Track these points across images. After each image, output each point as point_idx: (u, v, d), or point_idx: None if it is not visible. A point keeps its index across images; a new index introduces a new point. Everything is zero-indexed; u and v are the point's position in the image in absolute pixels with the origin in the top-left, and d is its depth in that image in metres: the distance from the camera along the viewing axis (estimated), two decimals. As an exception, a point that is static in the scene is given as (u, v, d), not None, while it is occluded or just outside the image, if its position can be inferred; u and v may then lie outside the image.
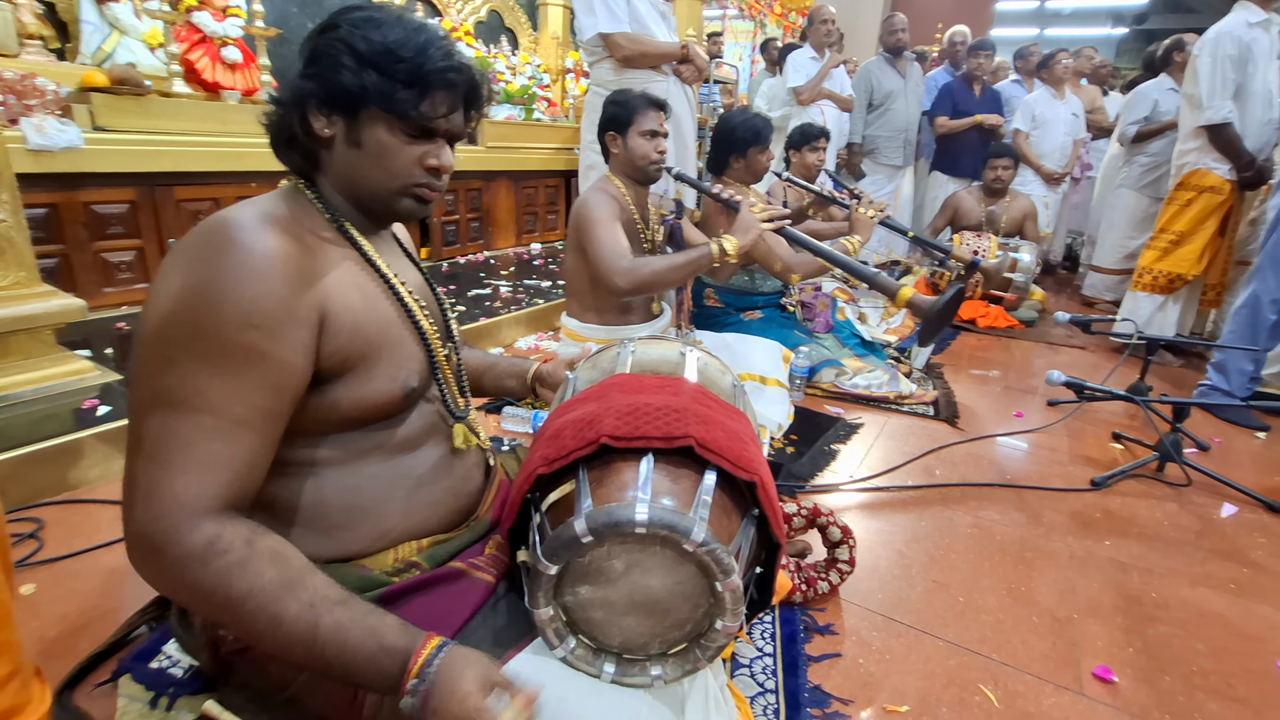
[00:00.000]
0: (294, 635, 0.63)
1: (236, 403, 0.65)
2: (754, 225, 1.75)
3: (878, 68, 4.25)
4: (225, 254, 0.66)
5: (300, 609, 0.63)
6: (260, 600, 0.62)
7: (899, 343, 3.06)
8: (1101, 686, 1.16)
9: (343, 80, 0.73)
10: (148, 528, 0.62)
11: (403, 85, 0.73)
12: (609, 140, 1.83)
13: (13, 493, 1.47)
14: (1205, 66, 2.67)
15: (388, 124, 0.76)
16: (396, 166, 0.78)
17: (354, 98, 0.74)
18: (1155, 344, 2.29)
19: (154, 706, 0.92)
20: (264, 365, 0.66)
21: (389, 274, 0.82)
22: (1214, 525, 1.73)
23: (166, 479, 0.62)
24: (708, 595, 0.72)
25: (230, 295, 0.64)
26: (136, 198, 2.53)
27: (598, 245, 1.70)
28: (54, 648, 1.09)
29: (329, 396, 0.74)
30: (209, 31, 2.90)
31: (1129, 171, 3.75)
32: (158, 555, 0.62)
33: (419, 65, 0.73)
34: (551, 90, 4.95)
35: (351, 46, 0.72)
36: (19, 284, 1.69)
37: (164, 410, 0.64)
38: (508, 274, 3.67)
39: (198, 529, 0.62)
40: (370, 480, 0.80)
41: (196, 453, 0.63)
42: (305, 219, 0.77)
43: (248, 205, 0.73)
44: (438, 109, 0.76)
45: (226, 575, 0.62)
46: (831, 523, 1.31)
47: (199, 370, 0.64)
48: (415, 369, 0.82)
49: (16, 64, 2.41)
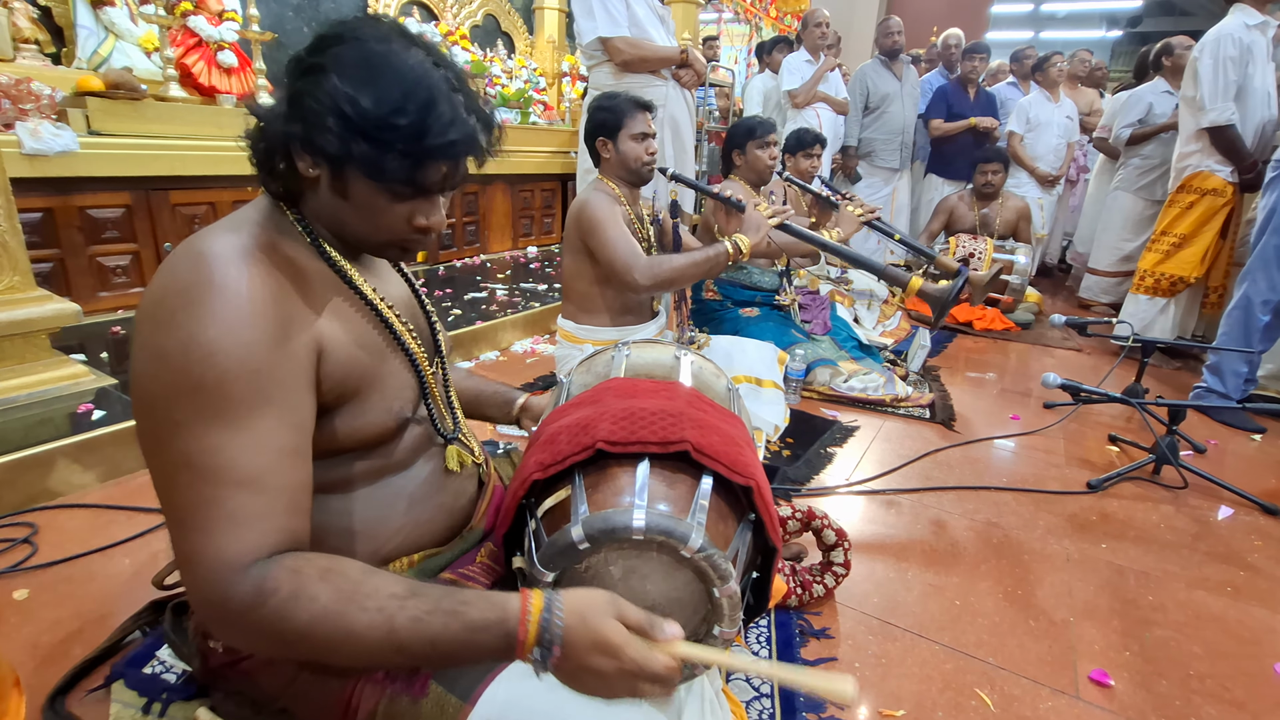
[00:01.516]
0: (373, 645, 0.60)
1: (257, 450, 0.63)
2: (763, 223, 1.79)
3: (873, 71, 4.26)
4: (208, 301, 0.62)
5: (369, 618, 0.60)
6: (327, 624, 0.60)
7: (895, 345, 3.07)
8: (1098, 690, 1.16)
9: (324, 144, 0.66)
10: (204, 595, 0.61)
11: (396, 155, 0.66)
12: (599, 146, 1.83)
13: (7, 497, 1.46)
14: (1206, 69, 2.67)
15: (376, 186, 0.69)
16: (383, 223, 0.72)
17: (337, 160, 0.67)
18: (1151, 346, 2.29)
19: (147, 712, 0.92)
20: (274, 406, 0.64)
21: (374, 300, 0.78)
22: (1210, 528, 1.73)
23: (203, 544, 0.61)
24: (705, 601, 0.71)
25: (223, 345, 0.61)
26: (132, 202, 2.53)
27: (611, 245, 1.71)
28: (47, 653, 1.09)
29: (325, 429, 0.72)
30: (204, 36, 2.90)
31: (1124, 174, 3.77)
32: (219, 617, 0.61)
33: (417, 136, 0.66)
34: (548, 94, 4.96)
35: (338, 108, 0.64)
36: (14, 288, 1.68)
37: (185, 475, 0.61)
38: (504, 277, 3.67)
39: (245, 580, 0.60)
40: (364, 504, 0.79)
41: (227, 509, 0.61)
42: (285, 243, 0.72)
43: (223, 233, 0.67)
44: (434, 176, 0.70)
45: (283, 611, 0.59)
46: (827, 526, 1.31)
47: (209, 429, 0.61)
48: (409, 397, 0.80)
49: (12, 69, 2.41)
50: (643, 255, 1.72)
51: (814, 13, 4.14)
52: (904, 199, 4.57)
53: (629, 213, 1.83)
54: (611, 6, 2.45)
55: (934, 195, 4.52)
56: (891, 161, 4.34)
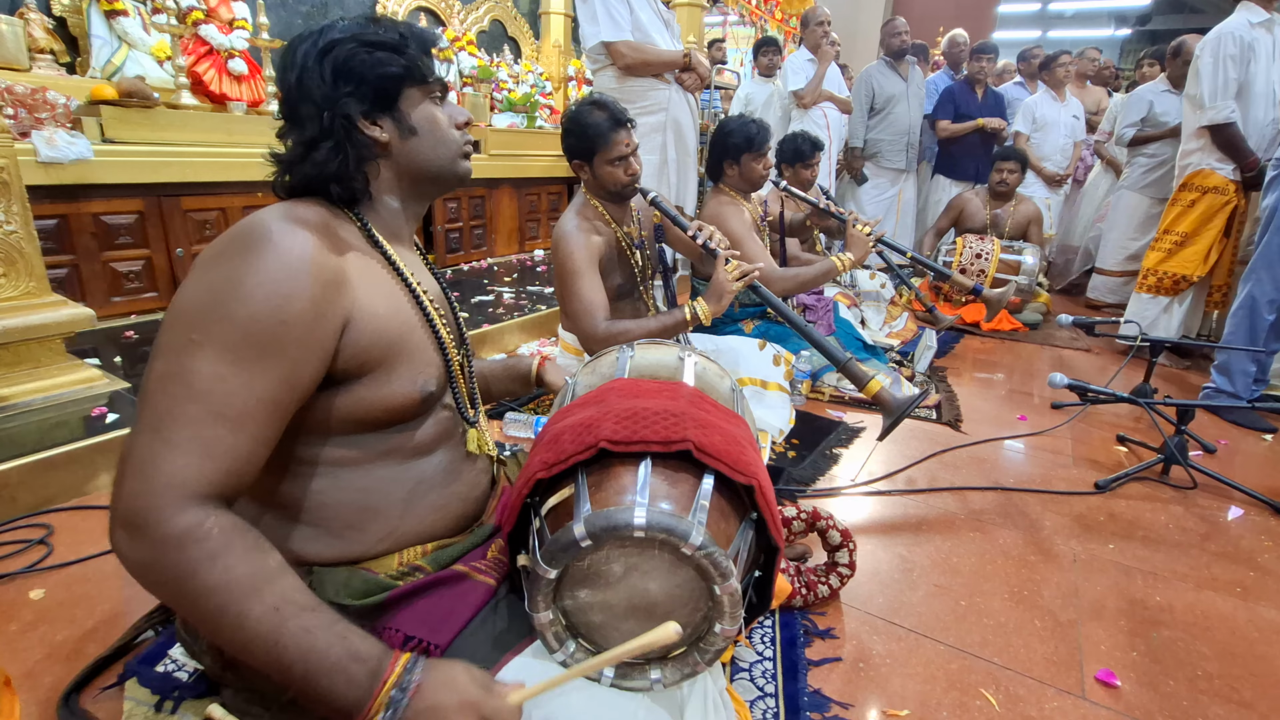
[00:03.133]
0: (257, 638, 0.62)
1: (249, 393, 0.66)
2: (726, 290, 1.70)
3: (879, 72, 4.25)
4: (262, 250, 0.68)
5: (264, 611, 0.62)
6: (225, 597, 0.61)
7: (901, 346, 3.07)
8: (1105, 690, 1.16)
9: (388, 71, 0.79)
10: (136, 503, 0.62)
11: (409, 60, 0.81)
12: (576, 168, 1.77)
13: (23, 499, 1.49)
14: (1207, 67, 2.66)
15: (421, 97, 0.84)
16: (443, 135, 0.86)
17: (397, 82, 0.81)
18: (1160, 346, 2.28)
19: (159, 710, 0.93)
20: (283, 361, 0.67)
21: (413, 282, 0.84)
22: (1220, 528, 1.72)
23: (165, 455, 0.62)
24: (706, 599, 0.72)
25: (263, 289, 0.66)
26: (144, 208, 2.57)
27: (575, 300, 1.69)
28: (62, 651, 1.11)
29: (350, 396, 0.76)
30: (215, 44, 2.94)
31: (1129, 173, 3.75)
32: (139, 534, 0.62)
33: (407, 38, 0.81)
34: (554, 98, 4.98)
35: (372, 44, 0.79)
36: (29, 294, 1.71)
37: (177, 388, 0.64)
38: (510, 280, 3.69)
39: (183, 512, 0.61)
40: (383, 482, 0.81)
41: (200, 434, 0.63)
42: (336, 225, 0.79)
43: (281, 208, 0.75)
44: (432, 68, 0.85)
45: (198, 565, 0.61)
46: (831, 526, 1.31)
47: (220, 356, 0.65)
48: (434, 374, 0.83)
49: (27, 78, 2.45)
50: (603, 315, 1.68)
51: (814, 10, 4.10)
52: (910, 200, 4.55)
53: (614, 230, 1.79)
54: (615, 11, 2.47)
55: (941, 196, 4.50)
56: (898, 162, 4.33)
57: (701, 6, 3.94)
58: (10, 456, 1.48)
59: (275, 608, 0.62)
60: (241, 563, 0.63)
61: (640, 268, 1.91)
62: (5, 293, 1.67)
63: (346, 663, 0.63)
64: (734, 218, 2.31)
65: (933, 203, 4.63)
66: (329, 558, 0.79)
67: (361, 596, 0.77)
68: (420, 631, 0.77)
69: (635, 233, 1.90)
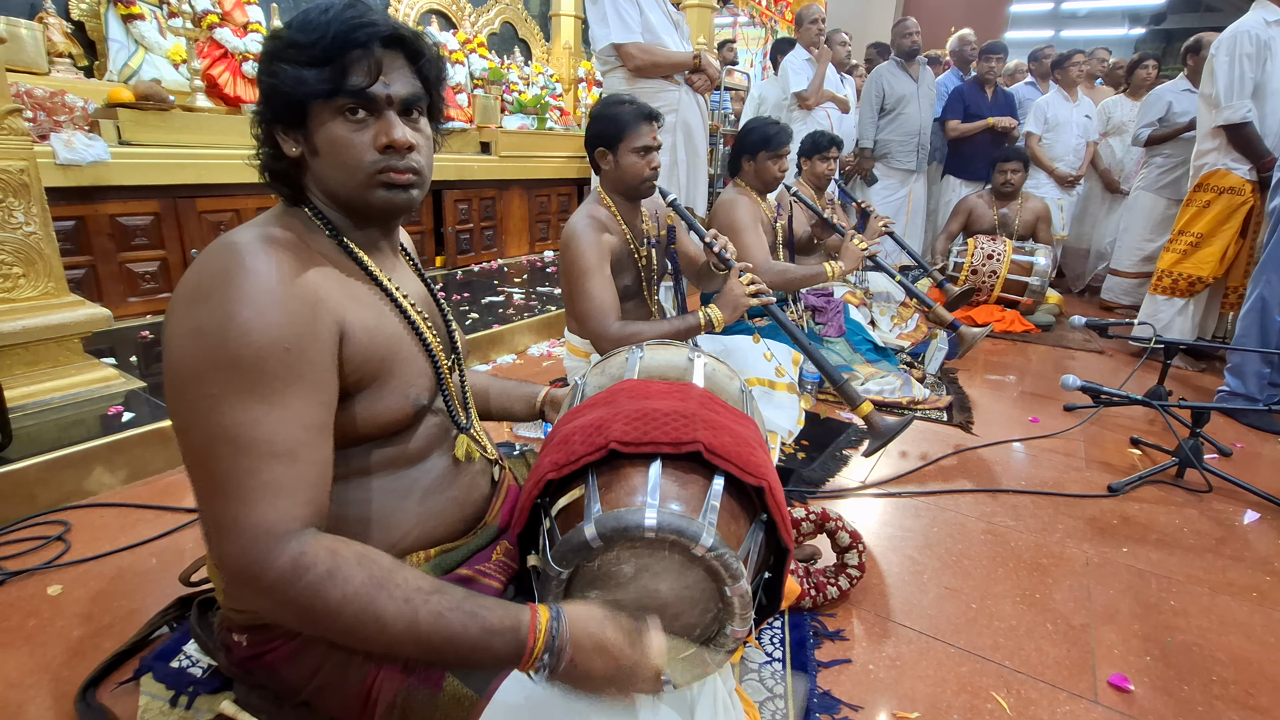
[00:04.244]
0: (398, 632, 0.63)
1: (290, 424, 0.66)
2: (741, 302, 1.70)
3: (889, 72, 4.23)
4: (240, 282, 0.65)
5: (397, 607, 0.63)
6: (356, 606, 0.63)
7: (912, 348, 3.05)
8: (1117, 695, 1.15)
9: (266, 89, 0.72)
10: (240, 561, 0.63)
11: (311, 65, 0.70)
12: (599, 156, 1.75)
13: (42, 496, 1.51)
14: (1222, 65, 2.64)
15: (330, 115, 0.73)
16: (352, 158, 0.74)
17: (285, 101, 0.72)
18: (1174, 348, 2.25)
19: (174, 705, 0.94)
20: (305, 383, 0.67)
21: (392, 289, 0.81)
22: (1236, 532, 1.70)
23: (244, 512, 0.63)
24: (716, 600, 0.72)
25: (258, 324, 0.64)
26: (160, 209, 2.60)
27: (586, 300, 1.66)
28: (79, 646, 1.12)
29: (345, 414, 0.75)
30: (230, 47, 2.98)
31: (1146, 173, 3.71)
32: (255, 585, 0.63)
33: (320, 37, 0.70)
34: (564, 99, 5.00)
35: (268, 55, 0.72)
36: (48, 294, 1.74)
37: (220, 447, 0.64)
38: (520, 281, 3.71)
39: (284, 551, 0.62)
40: (379, 493, 0.81)
41: (265, 480, 0.64)
42: (307, 237, 0.76)
43: (249, 228, 0.72)
44: (359, 75, 0.71)
45: (318, 587, 0.62)
46: (841, 528, 1.31)
47: (246, 402, 0.64)
48: (425, 385, 0.82)
49: (46, 81, 2.49)
50: (614, 318, 1.66)
51: (808, 7, 4.02)
52: (920, 200, 4.52)
53: (624, 232, 1.77)
54: (625, 13, 2.48)
55: (951, 197, 4.47)
56: (908, 163, 4.30)
57: (711, 8, 3.93)
58: (29, 454, 1.51)
59: (405, 599, 0.64)
60: (357, 572, 0.64)
61: (648, 270, 1.90)
62: (25, 293, 1.70)
63: (487, 639, 0.65)
64: (743, 208, 2.31)
65: (943, 203, 4.60)
66: None
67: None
68: None
69: (652, 231, 1.89)
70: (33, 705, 1.01)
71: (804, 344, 1.84)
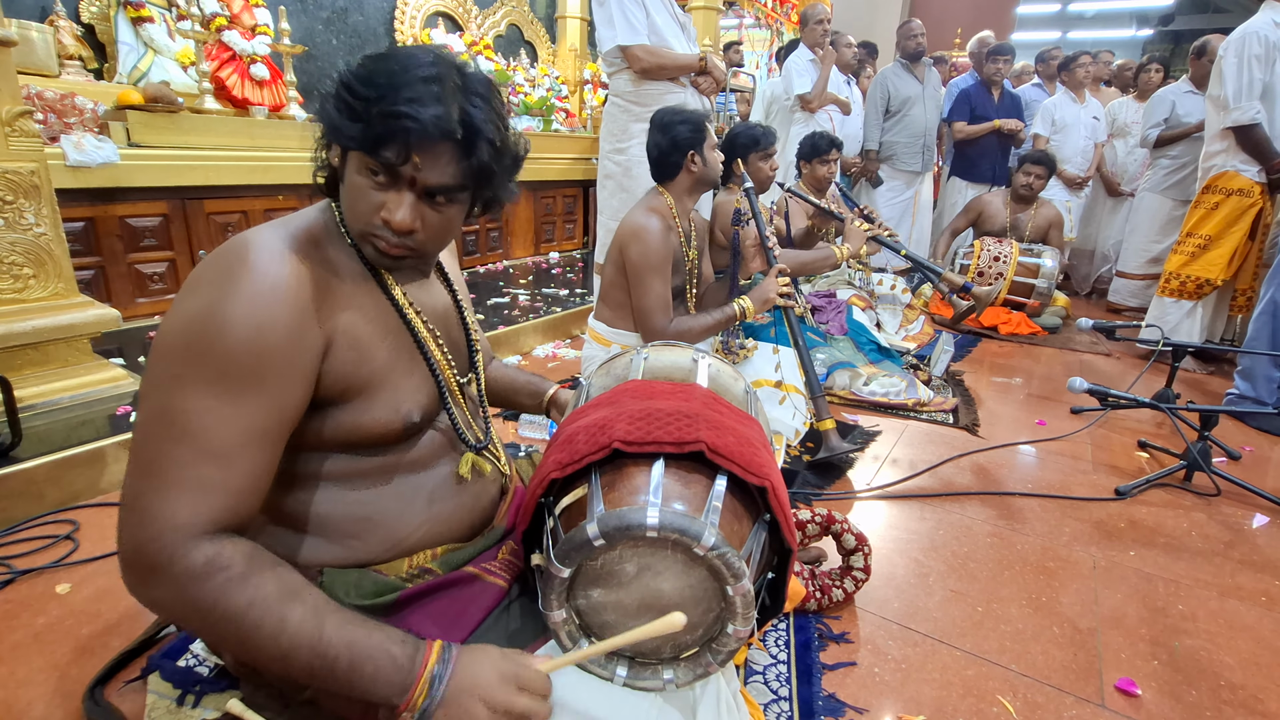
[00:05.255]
0: (300, 639, 0.64)
1: (235, 427, 0.65)
2: (771, 298, 1.84)
3: (895, 74, 4.22)
4: (238, 279, 0.66)
5: (305, 612, 0.64)
6: (262, 609, 0.63)
7: (918, 350, 3.04)
8: (1124, 699, 1.14)
9: (332, 118, 0.70)
10: (145, 548, 0.63)
11: (353, 119, 0.68)
12: (689, 159, 1.80)
13: (51, 495, 1.52)
14: (1231, 67, 2.62)
15: (358, 161, 0.71)
16: (358, 208, 0.73)
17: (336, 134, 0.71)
18: (1182, 351, 2.24)
19: (181, 704, 0.95)
20: (265, 391, 0.67)
21: (404, 303, 0.81)
22: (1244, 536, 1.69)
23: (163, 500, 0.63)
24: (719, 599, 0.72)
25: (238, 321, 0.65)
26: (169, 211, 2.62)
27: (647, 296, 1.75)
28: (87, 644, 1.13)
29: (329, 420, 0.75)
30: (238, 50, 3.00)
31: (1152, 175, 3.69)
32: (155, 574, 0.63)
33: (371, 100, 0.67)
34: (570, 101, 5.01)
35: (338, 79, 0.70)
36: (58, 294, 1.75)
37: (164, 429, 0.64)
38: (526, 283, 3.72)
39: (197, 548, 0.63)
40: (380, 495, 0.81)
41: (194, 474, 0.64)
42: (330, 241, 0.77)
43: (275, 226, 0.74)
44: (392, 152, 0.68)
45: (227, 588, 0.62)
46: (846, 530, 1.31)
47: (202, 392, 0.64)
48: (420, 401, 0.81)
49: (57, 84, 2.51)
50: (669, 315, 1.76)
51: (813, 7, 3.99)
52: (926, 203, 4.51)
53: (677, 229, 1.83)
54: (631, 15, 2.48)
55: (957, 199, 4.46)
56: (913, 165, 4.29)
57: (717, 10, 3.93)
58: (39, 453, 1.52)
59: (314, 608, 0.65)
60: (270, 578, 0.65)
61: (691, 271, 1.94)
62: (35, 294, 1.71)
63: (388, 645, 0.67)
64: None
65: (949, 205, 4.59)
66: (333, 562, 0.79)
67: (373, 597, 0.78)
68: (433, 633, 0.77)
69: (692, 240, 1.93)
70: (41, 703, 1.02)
71: (801, 350, 1.90)
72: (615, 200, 2.73)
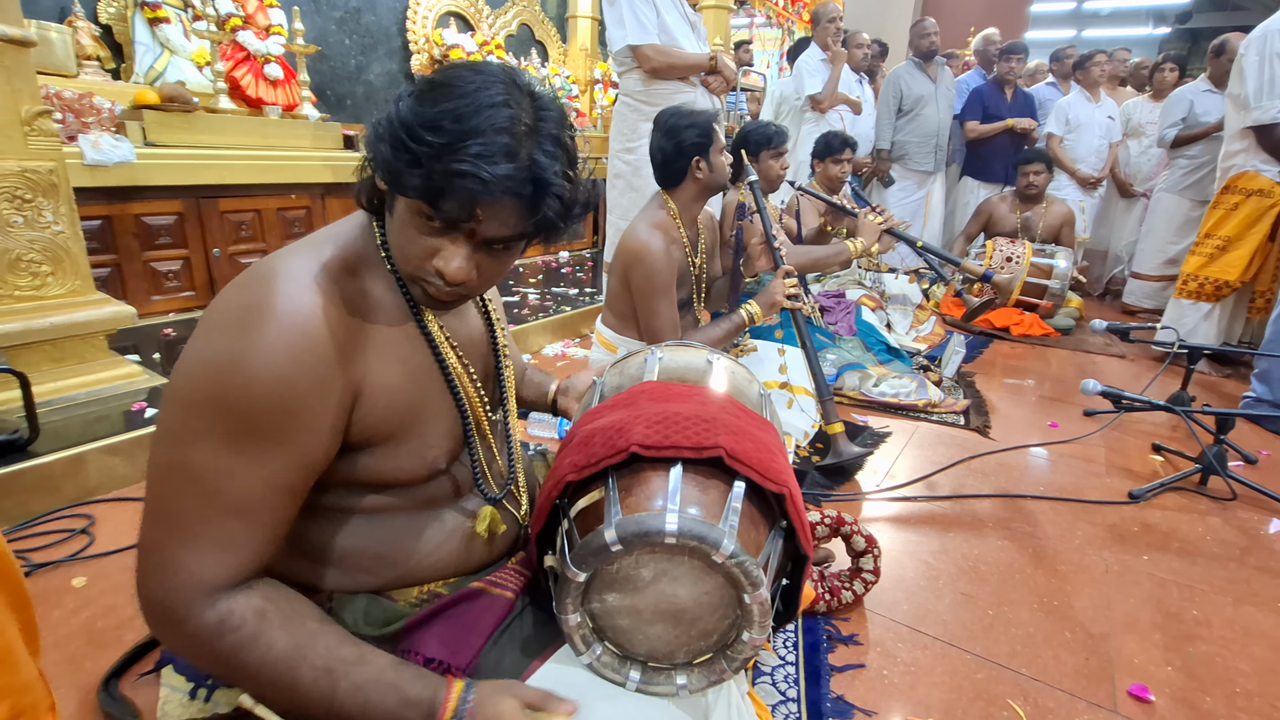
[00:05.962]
0: (311, 701, 0.64)
1: (260, 483, 0.64)
2: (778, 301, 1.79)
3: (907, 73, 4.19)
4: (263, 323, 0.62)
5: (315, 675, 0.64)
6: (273, 672, 0.63)
7: (928, 350, 3.02)
8: (1137, 705, 1.13)
9: (370, 137, 0.64)
10: (163, 601, 0.62)
11: (412, 165, 0.61)
12: (695, 165, 1.74)
13: (67, 489, 1.54)
14: (1252, 65, 2.58)
15: (414, 204, 0.65)
16: (410, 250, 0.68)
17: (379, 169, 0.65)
18: (1198, 353, 2.22)
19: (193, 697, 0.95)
20: (290, 446, 0.64)
21: (439, 339, 0.77)
22: (1260, 541, 1.67)
23: (183, 556, 0.62)
24: (735, 606, 0.72)
25: (261, 373, 0.61)
26: (183, 209, 2.64)
27: (656, 319, 1.73)
28: (102, 638, 1.15)
29: (351, 464, 0.73)
30: (253, 50, 3.02)
31: (1169, 175, 3.66)
32: (172, 628, 0.63)
33: (435, 149, 0.60)
34: (580, 101, 5.01)
35: (396, 110, 0.62)
36: (75, 292, 1.78)
37: (185, 482, 0.62)
38: (535, 282, 3.72)
39: (211, 608, 0.62)
40: (397, 531, 0.79)
41: (215, 531, 0.63)
42: (368, 269, 0.73)
43: (306, 252, 0.69)
44: (453, 207, 0.63)
45: (238, 650, 0.62)
46: (856, 532, 1.30)
47: (224, 448, 0.62)
48: (448, 446, 0.79)
49: (75, 84, 2.54)
50: (678, 335, 1.74)
51: (826, 6, 3.94)
52: (938, 202, 4.48)
53: (683, 240, 1.80)
54: (641, 14, 2.47)
55: (969, 198, 4.43)
56: (925, 164, 4.26)
57: (728, 9, 3.91)
58: (55, 449, 1.54)
59: (326, 669, 0.64)
60: (281, 637, 0.64)
61: (699, 281, 1.92)
62: (52, 291, 1.73)
63: (401, 710, 0.65)
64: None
65: (961, 205, 4.56)
66: (344, 589, 0.79)
67: (381, 626, 0.77)
68: (440, 654, 0.76)
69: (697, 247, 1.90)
70: (57, 695, 1.02)
71: (809, 352, 1.89)
72: (625, 199, 2.73)
